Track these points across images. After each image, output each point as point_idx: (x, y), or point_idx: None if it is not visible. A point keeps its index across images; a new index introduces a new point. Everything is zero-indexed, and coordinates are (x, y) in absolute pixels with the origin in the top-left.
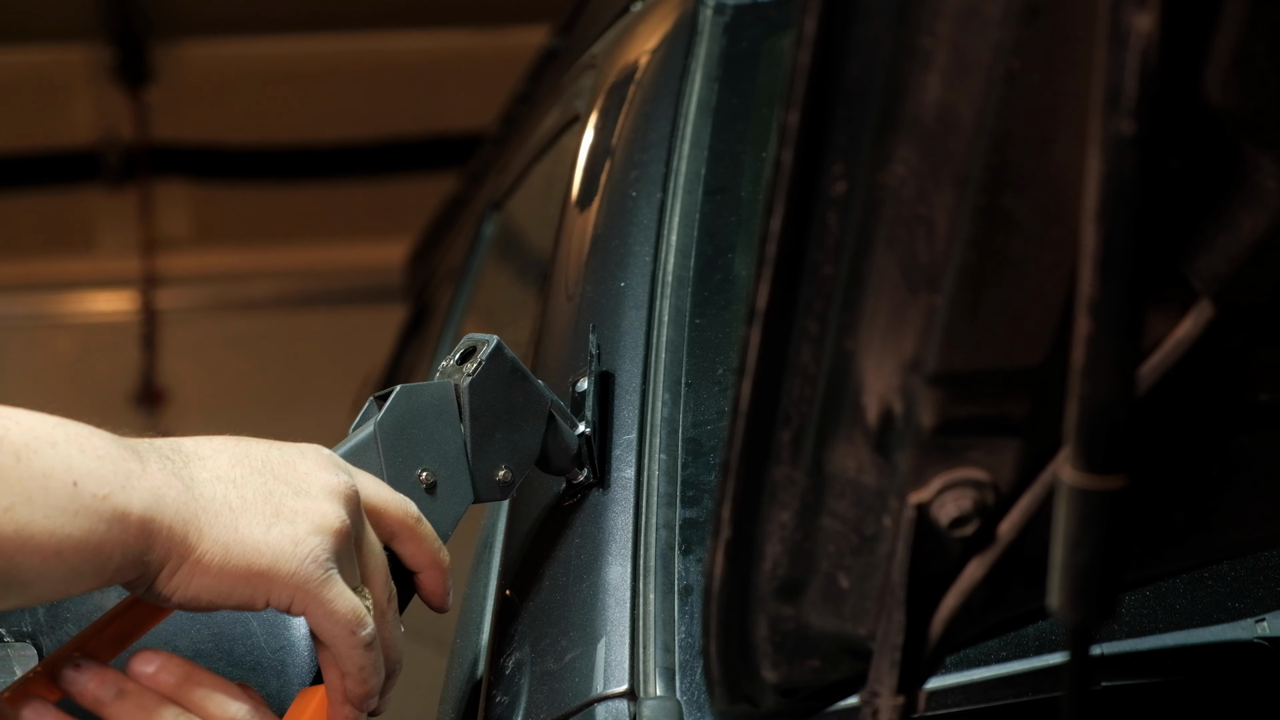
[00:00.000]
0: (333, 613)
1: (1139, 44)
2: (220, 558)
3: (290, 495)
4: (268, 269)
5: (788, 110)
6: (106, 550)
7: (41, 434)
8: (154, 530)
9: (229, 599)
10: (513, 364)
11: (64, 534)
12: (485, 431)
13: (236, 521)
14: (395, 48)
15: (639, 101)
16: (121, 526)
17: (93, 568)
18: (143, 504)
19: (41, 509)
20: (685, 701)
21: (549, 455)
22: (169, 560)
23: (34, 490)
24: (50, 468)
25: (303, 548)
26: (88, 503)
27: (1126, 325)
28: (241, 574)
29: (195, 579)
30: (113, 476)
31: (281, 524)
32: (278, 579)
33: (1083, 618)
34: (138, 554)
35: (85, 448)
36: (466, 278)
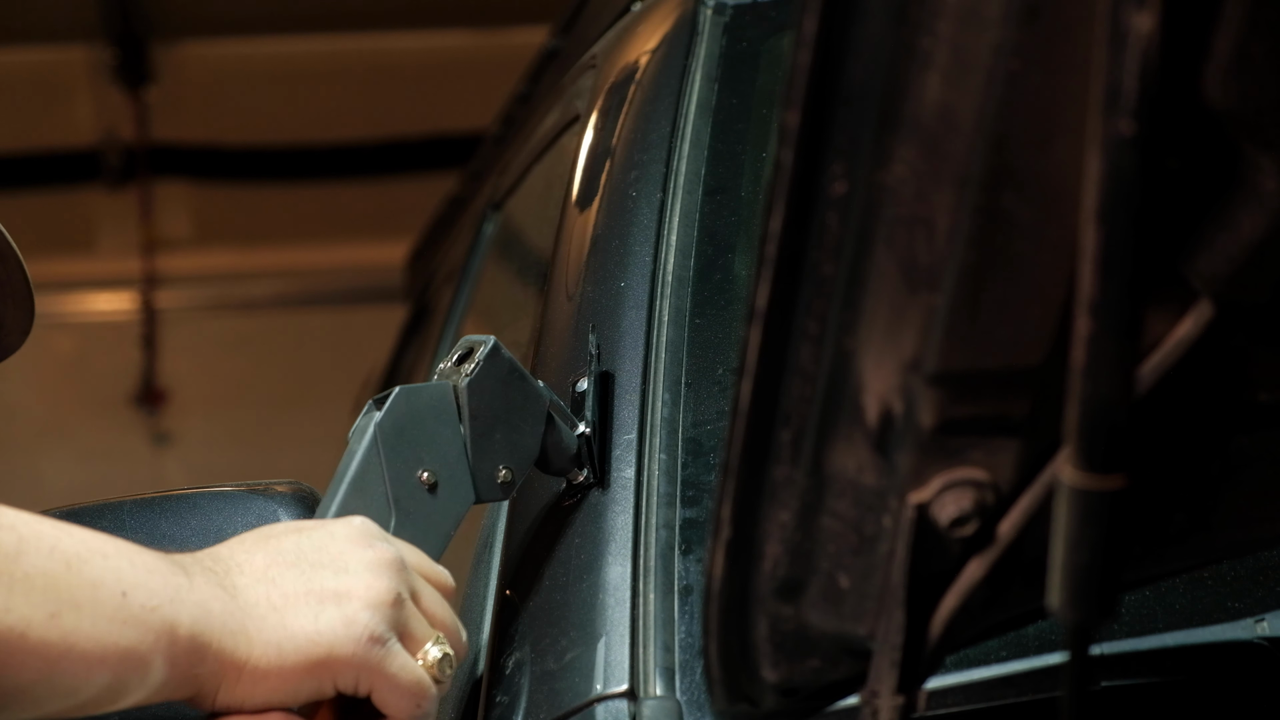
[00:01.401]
0: (397, 688)
1: (1139, 44)
2: (275, 659)
3: (331, 578)
4: (268, 269)
5: (788, 110)
6: (152, 662)
7: (94, 545)
8: (204, 644)
9: (299, 694)
10: (510, 364)
11: (109, 642)
12: (484, 432)
13: (283, 619)
14: (395, 48)
15: (639, 101)
16: (170, 639)
17: (138, 679)
18: (191, 617)
19: (89, 617)
20: (685, 701)
21: (548, 455)
22: (225, 674)
23: (83, 599)
24: (101, 577)
25: (356, 627)
26: (136, 613)
27: (1126, 325)
28: (302, 669)
29: (258, 685)
30: (162, 589)
31: (329, 609)
32: (339, 663)
33: (1083, 618)
34: (187, 668)
35: (135, 560)
36: (466, 278)
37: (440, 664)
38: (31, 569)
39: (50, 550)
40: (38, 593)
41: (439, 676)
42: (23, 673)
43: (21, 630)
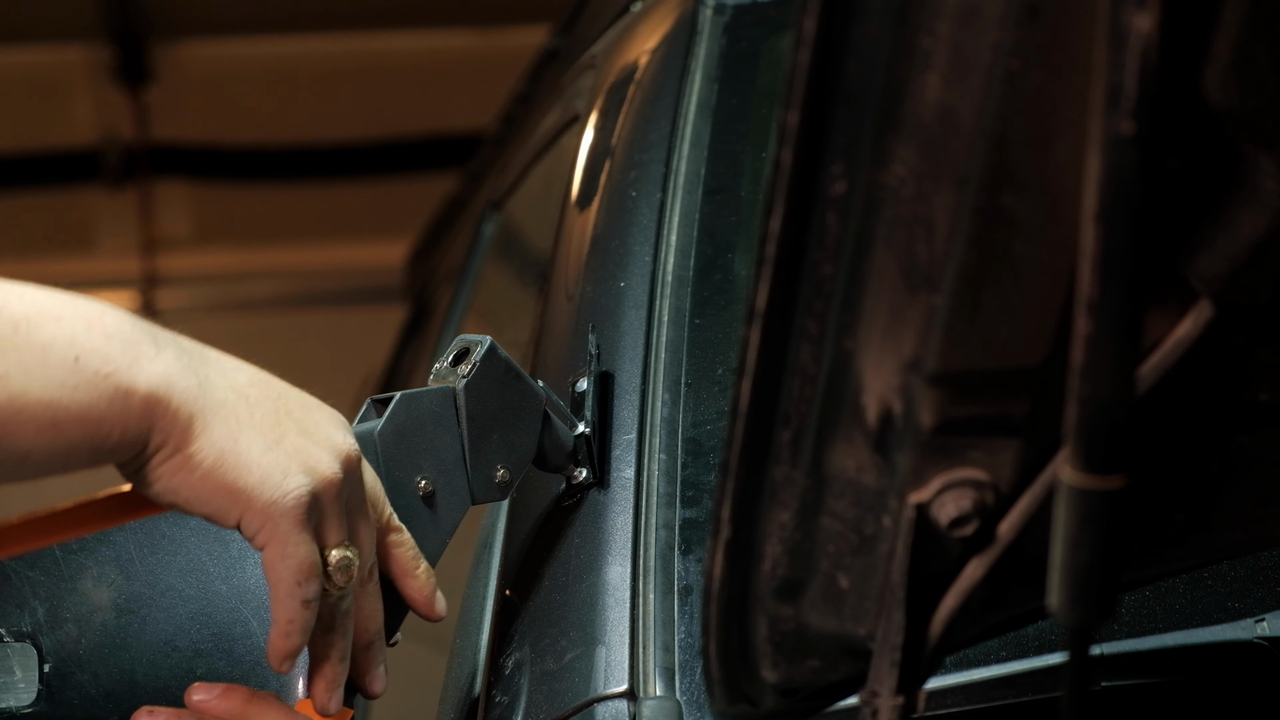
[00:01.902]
0: (287, 555)
1: (1139, 44)
2: (213, 460)
3: (295, 432)
4: (268, 269)
5: (787, 110)
6: (105, 428)
7: (46, 308)
8: (159, 411)
9: (204, 505)
10: (506, 364)
11: (60, 406)
12: (482, 433)
13: (238, 433)
14: (395, 48)
15: (639, 101)
16: (124, 404)
17: (90, 444)
18: (149, 384)
19: (39, 380)
20: (685, 701)
21: (545, 453)
22: (165, 446)
23: (31, 361)
24: (50, 341)
25: (289, 481)
26: (88, 378)
27: (1126, 325)
28: (226, 485)
29: (181, 474)
30: (120, 355)
31: (277, 453)
32: (256, 502)
33: (1083, 618)
34: (138, 433)
35: (93, 325)
36: (466, 278)
37: (339, 565)
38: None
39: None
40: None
41: (336, 579)
42: None
43: None
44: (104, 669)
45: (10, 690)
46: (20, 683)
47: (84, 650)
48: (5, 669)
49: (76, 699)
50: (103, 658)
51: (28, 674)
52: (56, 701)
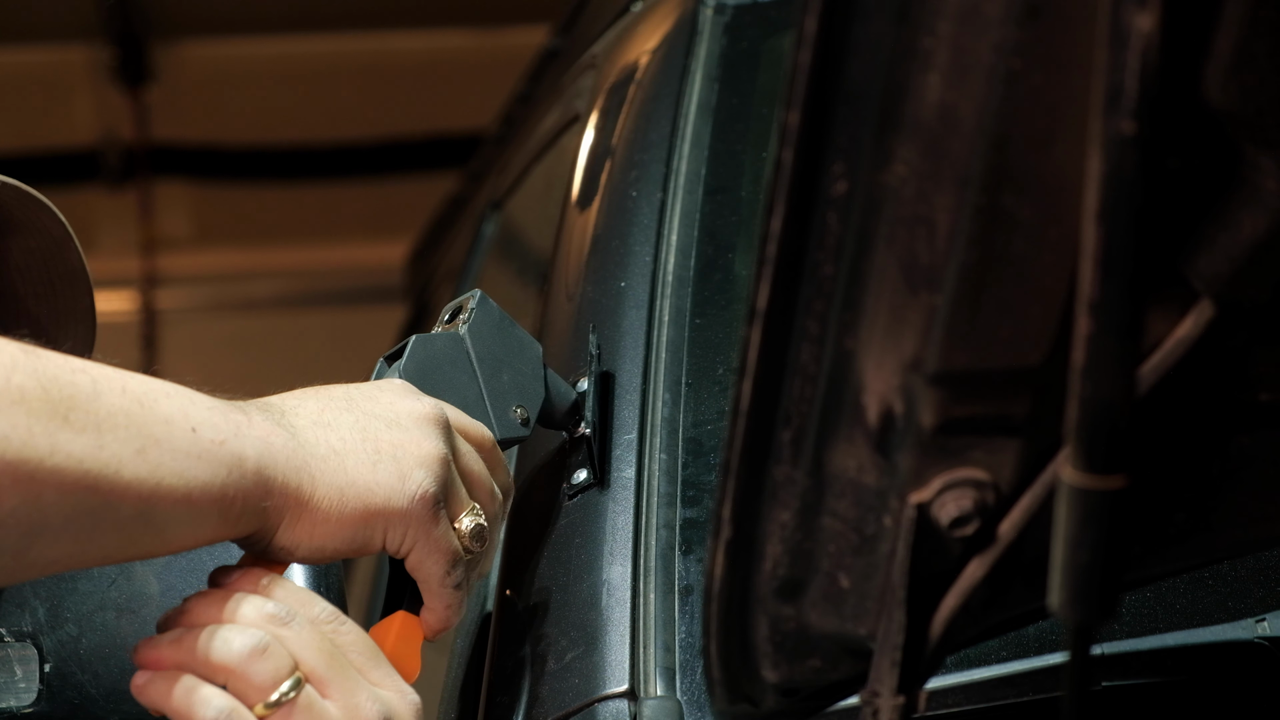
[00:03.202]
0: (435, 551)
1: (1139, 44)
2: (337, 503)
3: (385, 429)
4: (268, 269)
5: (788, 110)
6: (230, 496)
7: (155, 385)
8: (269, 478)
9: (351, 544)
10: (500, 312)
11: (191, 477)
12: (494, 373)
13: (344, 464)
14: (395, 48)
15: (639, 101)
16: (240, 473)
17: (219, 513)
18: (255, 451)
19: (169, 452)
20: (685, 701)
21: (552, 401)
22: (287, 510)
23: (160, 435)
24: (170, 414)
25: (410, 483)
26: (208, 448)
27: (1127, 325)
28: (360, 516)
29: (317, 528)
30: (225, 424)
31: (385, 461)
32: (393, 517)
33: (1083, 618)
34: (256, 503)
35: (194, 399)
36: (466, 278)
37: (473, 534)
38: (113, 407)
39: (122, 390)
40: (121, 430)
41: (470, 547)
42: (122, 509)
43: (116, 467)
44: (104, 669)
45: (10, 690)
46: (20, 683)
47: (84, 650)
48: (5, 669)
49: (76, 699)
50: (103, 658)
51: (28, 674)
52: (56, 701)
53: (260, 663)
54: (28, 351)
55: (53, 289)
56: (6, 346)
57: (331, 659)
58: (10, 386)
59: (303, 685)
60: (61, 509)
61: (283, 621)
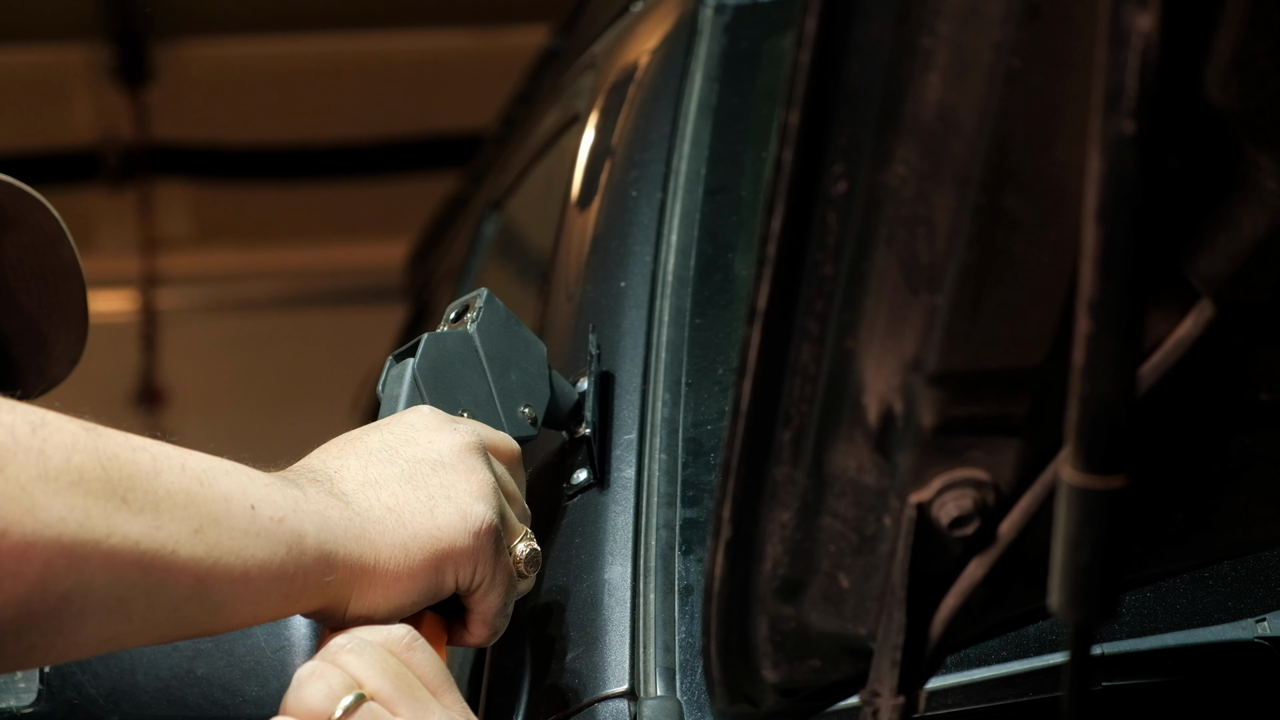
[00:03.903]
0: (499, 584)
1: (1139, 44)
2: (404, 560)
3: (430, 472)
4: (268, 269)
5: (788, 110)
6: (289, 573)
7: (214, 463)
8: (330, 552)
9: (426, 594)
10: (506, 311)
11: (249, 555)
12: (502, 372)
13: (402, 520)
14: (395, 48)
15: (639, 101)
16: (300, 550)
17: (279, 591)
18: (315, 526)
19: (228, 532)
20: (685, 701)
21: (557, 401)
22: (355, 581)
23: (220, 514)
24: (230, 492)
25: (472, 520)
26: (266, 525)
27: (1127, 325)
28: (430, 565)
29: (390, 589)
30: (283, 501)
31: (441, 504)
32: (460, 555)
33: (1083, 618)
34: (318, 579)
35: (253, 476)
36: (466, 278)
37: (528, 559)
38: (173, 486)
39: (181, 468)
40: (180, 509)
41: (525, 572)
42: (176, 589)
43: (172, 548)
44: (104, 669)
45: (10, 690)
46: (20, 683)
47: None
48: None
49: (76, 699)
50: (103, 658)
51: (28, 674)
52: (56, 701)
53: (307, 687)
54: (89, 430)
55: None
56: (68, 425)
57: (399, 679)
58: (70, 466)
59: (365, 701)
60: (116, 590)
61: (342, 648)
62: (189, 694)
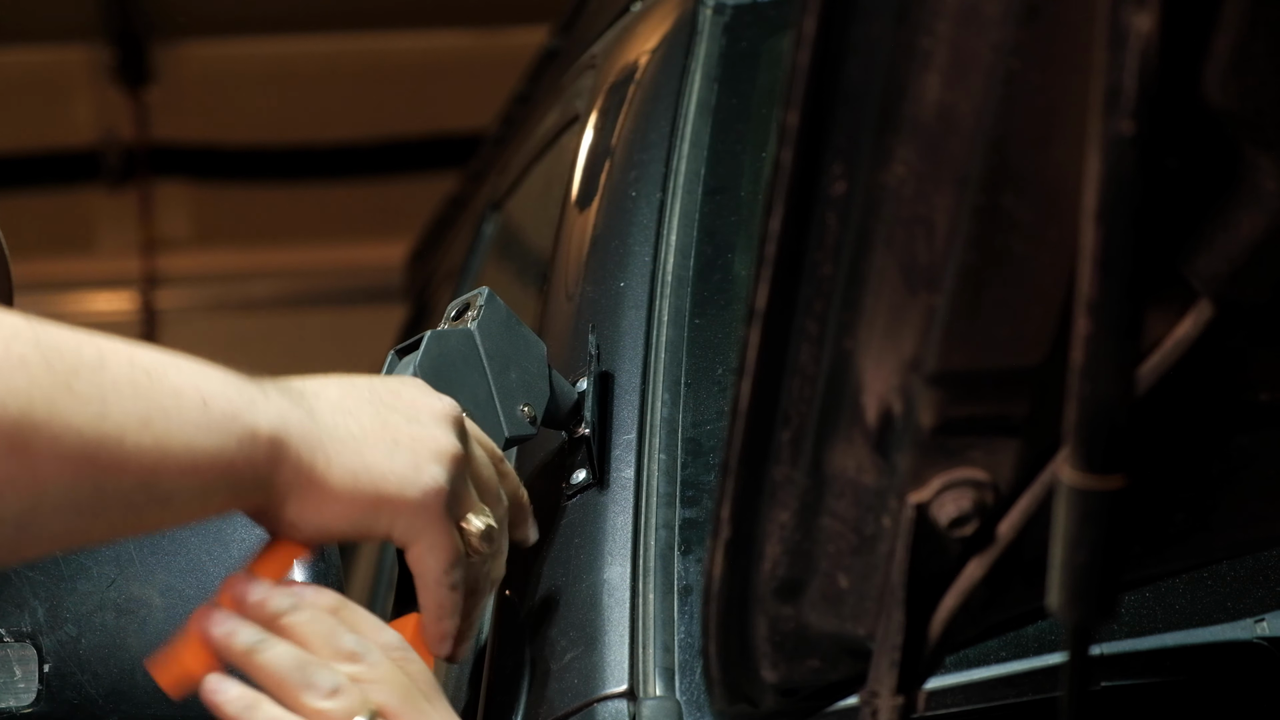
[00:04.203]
0: (437, 547)
1: (1139, 44)
2: (350, 484)
3: (404, 422)
4: (268, 269)
5: (787, 110)
6: (238, 469)
7: (166, 359)
8: (283, 452)
9: (356, 527)
10: (507, 310)
11: (199, 448)
12: (502, 371)
13: (361, 449)
14: (395, 48)
15: (639, 101)
16: (251, 445)
17: (226, 485)
18: (270, 425)
19: (176, 422)
20: (685, 701)
21: (556, 400)
22: (296, 486)
23: (169, 406)
24: (180, 386)
25: (425, 475)
26: (218, 420)
27: (1126, 325)
28: (370, 501)
29: (325, 507)
30: (238, 397)
31: (402, 452)
32: (403, 506)
33: (1083, 618)
34: (266, 474)
35: (208, 373)
36: (466, 278)
37: (481, 535)
38: (119, 378)
39: (130, 361)
40: (128, 400)
41: (479, 547)
42: (124, 478)
43: (118, 436)
44: (104, 669)
45: (10, 690)
46: (20, 683)
47: (84, 650)
48: (5, 669)
49: (76, 699)
50: (103, 658)
51: (28, 674)
52: (56, 701)
53: (336, 702)
54: (31, 321)
55: None
56: (8, 316)
57: (406, 694)
58: (9, 354)
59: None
60: (61, 479)
61: (359, 658)
62: (189, 694)
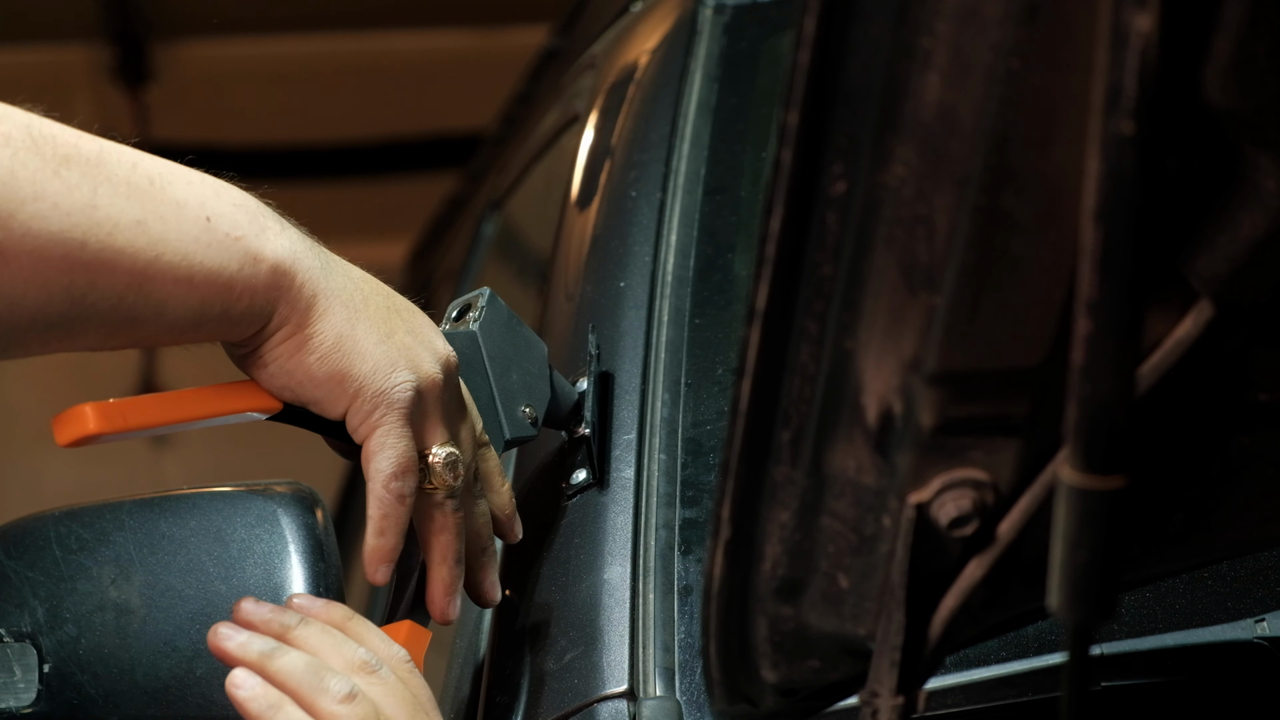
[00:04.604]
0: (387, 446)
1: (1139, 44)
2: (331, 344)
3: (403, 330)
4: None
5: (788, 110)
6: (235, 291)
7: (177, 172)
8: (285, 284)
9: (316, 389)
10: (508, 310)
11: (195, 261)
12: (504, 371)
13: (355, 320)
14: (395, 48)
15: (639, 101)
16: (253, 270)
17: (221, 306)
18: (276, 255)
19: (175, 231)
20: (685, 701)
21: (557, 400)
22: (287, 323)
23: (168, 214)
24: (184, 199)
25: (397, 375)
26: (220, 238)
27: (1126, 325)
28: (341, 371)
29: (299, 354)
30: (248, 224)
31: (388, 346)
32: (366, 391)
33: (1083, 618)
34: (264, 304)
35: (221, 193)
36: (466, 278)
37: (446, 462)
38: (116, 177)
39: (133, 165)
40: (122, 199)
41: (442, 474)
42: (116, 275)
43: (109, 229)
44: (104, 669)
45: (10, 690)
46: (20, 683)
47: (84, 650)
48: (5, 669)
49: (76, 699)
50: (103, 658)
51: (28, 674)
52: (56, 701)
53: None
54: (31, 115)
55: None
56: (5, 106)
57: (412, 710)
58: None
59: None
60: (49, 260)
61: (372, 669)
62: (189, 694)
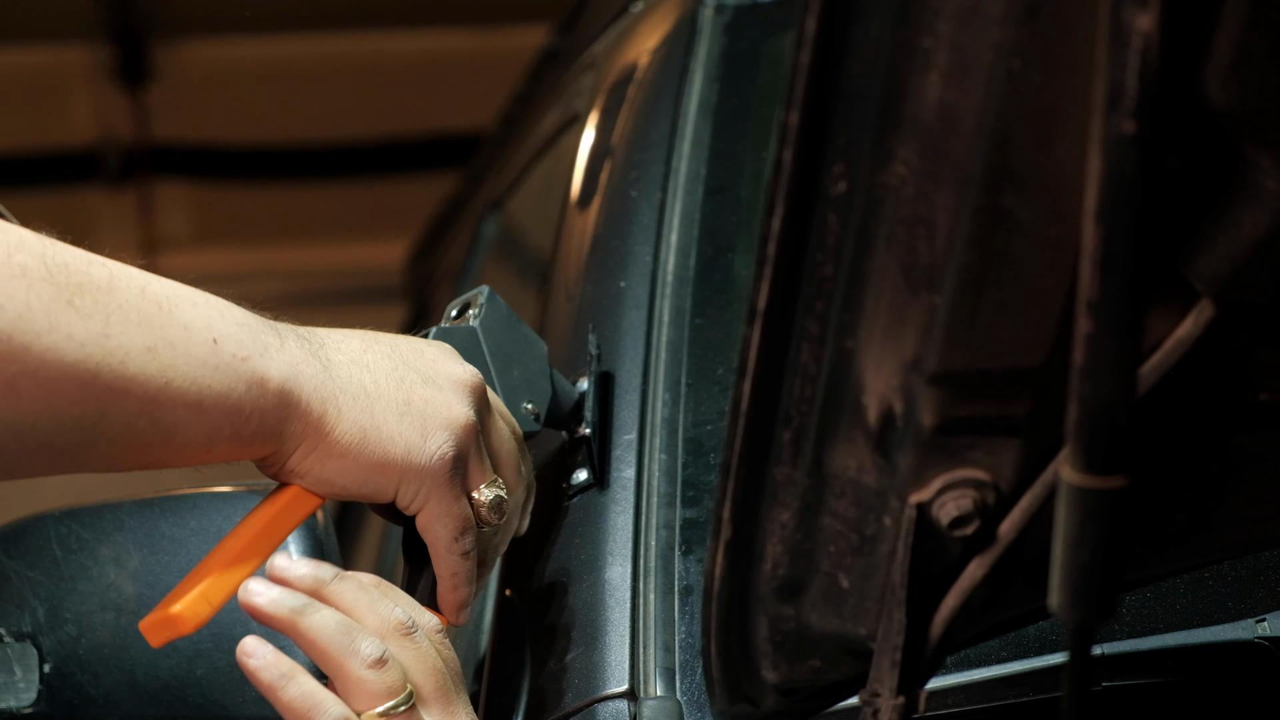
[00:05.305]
0: (445, 515)
1: (1139, 44)
2: (358, 442)
3: (420, 384)
4: (267, 269)
5: (788, 110)
6: (245, 413)
7: (182, 293)
8: (293, 402)
9: (363, 488)
10: (507, 308)
11: (204, 385)
12: (505, 368)
13: (372, 407)
14: (395, 48)
15: (639, 101)
16: (260, 392)
17: (231, 429)
18: (281, 374)
19: (184, 357)
20: (685, 701)
21: (558, 399)
22: (305, 437)
23: (176, 339)
24: (191, 321)
25: (432, 443)
26: (227, 360)
27: (1127, 325)
28: (377, 463)
29: (332, 461)
30: (252, 342)
31: (412, 415)
32: (409, 472)
33: (1083, 618)
34: (275, 424)
35: (224, 313)
36: (466, 278)
37: (491, 505)
38: (127, 304)
39: (141, 290)
40: (133, 326)
41: (488, 518)
42: (127, 403)
43: (121, 358)
44: (104, 669)
45: (10, 690)
46: (20, 683)
47: (84, 650)
48: (5, 669)
49: (76, 699)
50: (103, 658)
51: (28, 674)
52: (56, 701)
53: (380, 674)
54: (41, 237)
55: None
56: (15, 228)
57: (441, 680)
58: (10, 262)
59: (412, 701)
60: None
61: (408, 631)
62: (189, 694)
